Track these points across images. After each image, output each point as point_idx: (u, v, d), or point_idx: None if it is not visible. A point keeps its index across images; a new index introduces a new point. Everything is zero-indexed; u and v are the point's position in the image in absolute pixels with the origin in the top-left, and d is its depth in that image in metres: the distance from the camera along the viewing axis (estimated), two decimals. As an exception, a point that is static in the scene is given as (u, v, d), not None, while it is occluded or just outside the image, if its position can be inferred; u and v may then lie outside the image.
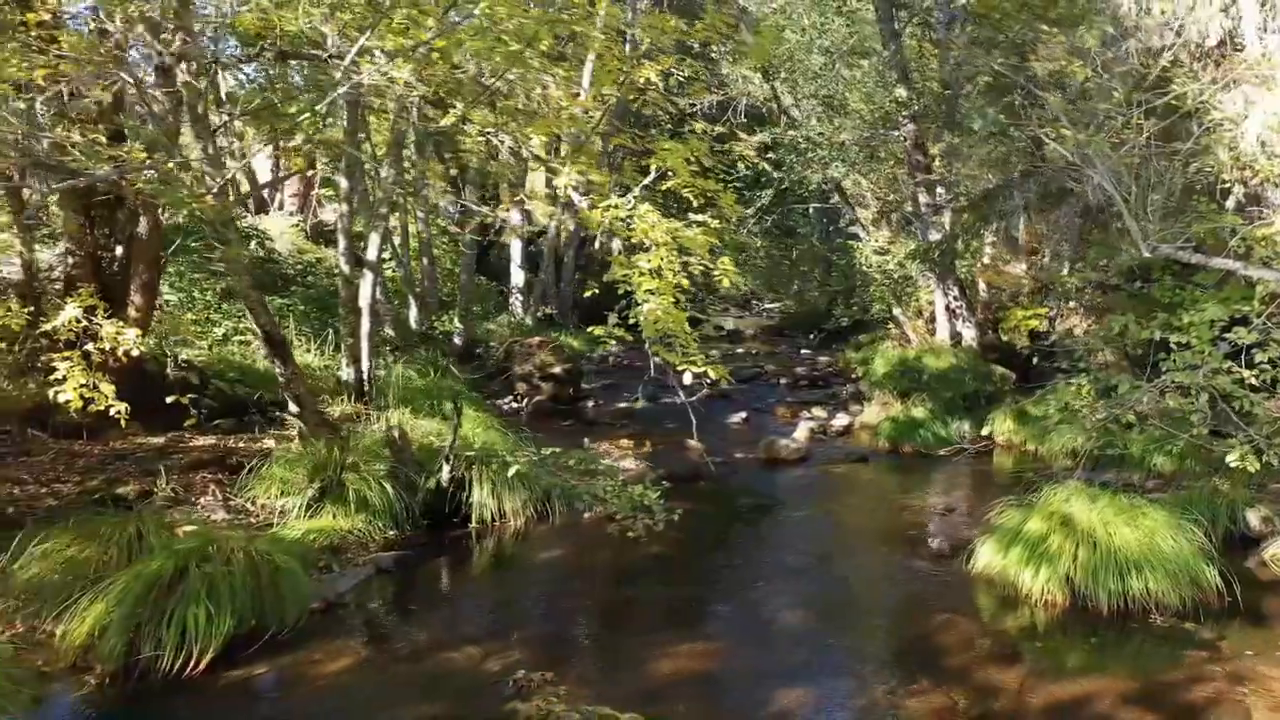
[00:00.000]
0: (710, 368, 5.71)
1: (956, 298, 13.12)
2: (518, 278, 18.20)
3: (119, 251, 8.62)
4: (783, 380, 15.24)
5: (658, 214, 5.93)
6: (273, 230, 15.75)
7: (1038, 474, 7.53)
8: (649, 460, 9.22)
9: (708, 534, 7.58)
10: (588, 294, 7.49)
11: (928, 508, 8.62)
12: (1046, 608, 5.87)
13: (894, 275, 14.51)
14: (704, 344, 5.96)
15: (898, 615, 6.20)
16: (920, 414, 11.08)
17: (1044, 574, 5.91)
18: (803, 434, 10.97)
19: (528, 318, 17.08)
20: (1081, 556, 5.88)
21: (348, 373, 9.77)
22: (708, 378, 5.78)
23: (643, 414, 11.84)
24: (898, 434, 10.84)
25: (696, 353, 5.78)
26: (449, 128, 8.42)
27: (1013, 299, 13.75)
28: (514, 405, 12.31)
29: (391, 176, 10.40)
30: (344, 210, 10.50)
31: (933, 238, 12.88)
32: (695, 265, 6.00)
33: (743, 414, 12.29)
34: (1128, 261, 9.30)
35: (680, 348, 5.80)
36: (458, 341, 14.16)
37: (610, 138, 13.01)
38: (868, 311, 17.14)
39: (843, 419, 12.05)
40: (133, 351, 6.12)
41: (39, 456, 7.37)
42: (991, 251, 14.47)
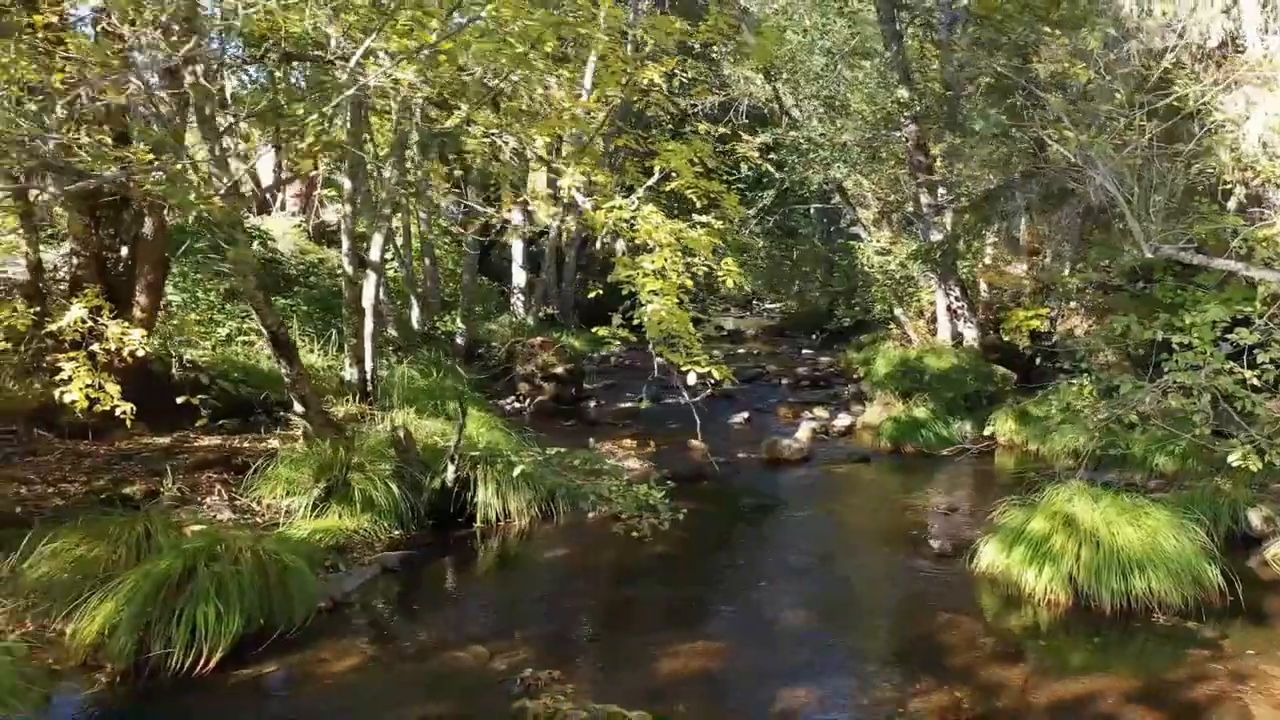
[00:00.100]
0: (714, 368, 5.73)
1: (958, 298, 13.15)
2: (519, 278, 18.22)
3: (124, 252, 8.64)
4: (784, 380, 15.26)
5: (661, 215, 5.96)
6: (275, 231, 15.76)
7: (1040, 474, 7.55)
8: (652, 460, 9.26)
9: (711, 534, 7.61)
10: (591, 294, 7.51)
11: (930, 508, 8.65)
12: (1049, 607, 5.90)
13: (895, 275, 14.54)
14: (705, 344, 5.98)
15: (901, 614, 6.23)
16: (922, 414, 11.10)
17: (1047, 573, 5.95)
18: (805, 434, 10.99)
19: (529, 318, 17.10)
20: (1084, 556, 5.91)
21: (351, 373, 9.79)
22: (712, 378, 5.81)
23: (645, 414, 11.84)
24: (900, 434, 10.87)
25: (700, 353, 5.81)
26: (454, 129, 8.46)
27: (1014, 299, 13.78)
28: (516, 405, 12.34)
29: (395, 177, 10.42)
30: (347, 211, 10.52)
31: (934, 238, 12.91)
32: (699, 266, 6.03)
33: (745, 414, 12.31)
34: (1130, 262, 9.35)
35: (684, 348, 5.83)
36: (460, 342, 14.18)
37: (613, 139, 13.10)
38: (869, 312, 17.18)
39: (844, 419, 12.06)
40: (138, 352, 6.15)
41: (45, 456, 7.38)
42: (993, 252, 14.50)
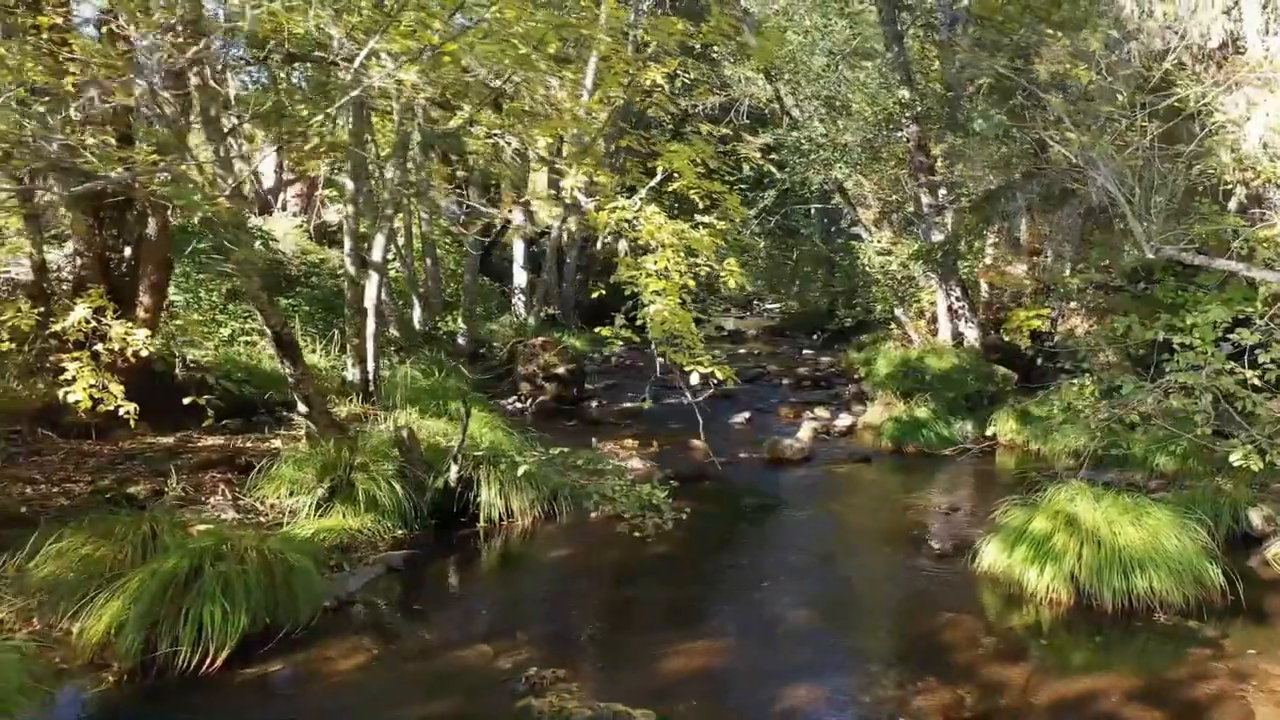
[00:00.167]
0: (717, 368, 5.76)
1: (959, 298, 13.17)
2: (520, 278, 18.23)
3: (127, 252, 8.66)
4: (785, 380, 15.28)
5: (664, 215, 5.98)
6: (277, 231, 15.80)
7: (1041, 474, 7.54)
8: (655, 460, 9.28)
9: (713, 533, 7.63)
10: (594, 295, 7.54)
11: (931, 507, 8.67)
12: (1051, 606, 5.92)
13: (896, 276, 14.55)
14: (707, 344, 6.01)
15: (903, 614, 6.25)
16: (923, 414, 11.12)
17: (1049, 572, 5.97)
18: (806, 434, 11.01)
19: (530, 318, 17.11)
20: (1086, 555, 5.93)
21: (353, 373, 9.81)
22: (714, 378, 5.83)
23: (646, 414, 11.82)
24: (901, 434, 10.89)
25: (703, 353, 5.84)
26: (457, 129, 8.49)
27: (1015, 299, 13.81)
28: (518, 405, 12.36)
29: (397, 177, 10.45)
30: (350, 212, 10.54)
31: (935, 238, 12.92)
32: (701, 266, 6.05)
33: (746, 414, 12.33)
34: (1131, 262, 9.38)
35: (687, 348, 5.85)
36: (462, 342, 14.20)
37: (615, 140, 13.12)
38: (870, 312, 17.21)
39: (846, 419, 12.09)
40: (141, 352, 6.17)
41: (49, 456, 7.39)
42: (994, 252, 14.53)
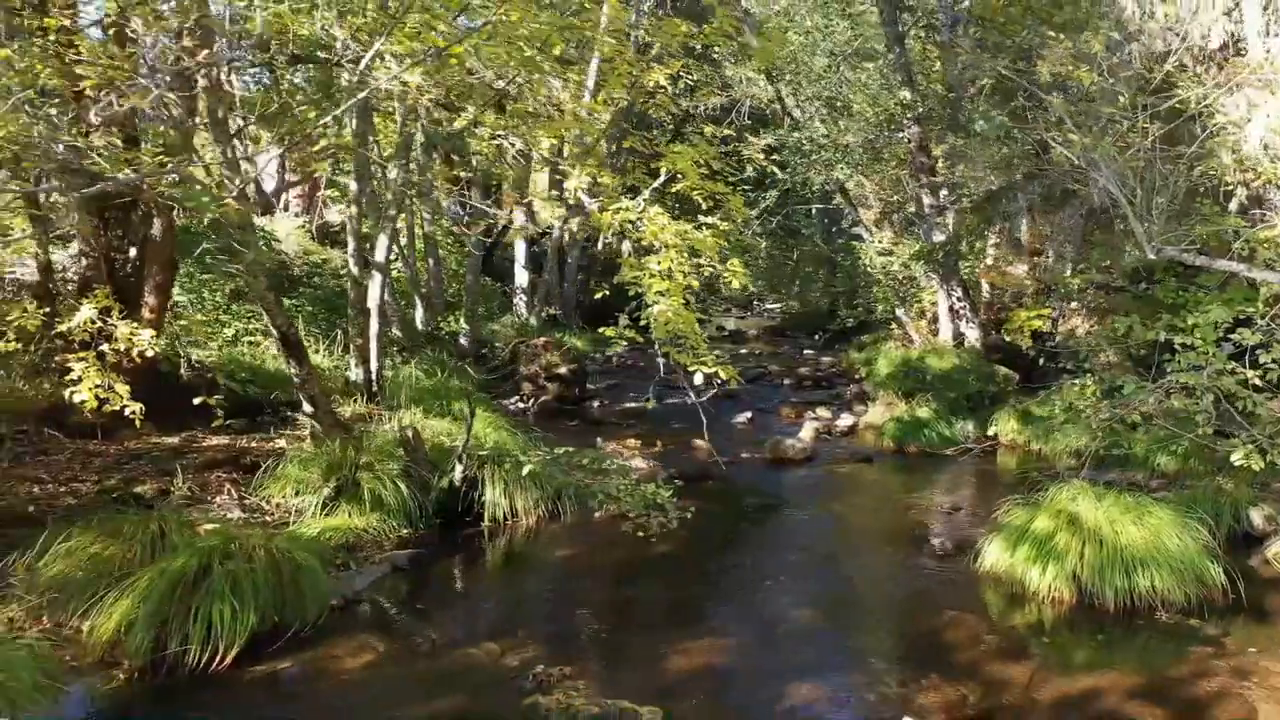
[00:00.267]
0: (720, 368, 5.79)
1: (960, 298, 13.20)
2: (522, 278, 18.26)
3: (132, 253, 8.69)
4: (786, 381, 15.32)
5: (667, 216, 6.01)
6: (279, 231, 15.83)
7: (1042, 473, 7.58)
8: (657, 460, 9.31)
9: (717, 533, 7.66)
10: (597, 295, 7.57)
11: (933, 507, 8.70)
12: (1054, 605, 5.96)
13: (897, 276, 14.58)
14: (708, 344, 6.03)
15: (906, 612, 6.28)
16: (925, 414, 11.15)
17: (1051, 571, 6.00)
18: (808, 434, 11.04)
19: (532, 318, 17.15)
20: (1088, 554, 5.96)
21: (357, 373, 9.84)
22: (718, 378, 5.87)
23: (648, 414, 11.87)
24: (902, 434, 10.92)
25: (707, 353, 5.87)
26: (461, 130, 8.51)
27: (1016, 300, 13.84)
28: (520, 405, 12.40)
29: (400, 178, 10.48)
30: (353, 212, 10.57)
31: (937, 239, 12.95)
32: (705, 267, 6.08)
33: (747, 414, 12.35)
34: (1132, 263, 9.41)
35: (691, 348, 5.89)
36: (464, 342, 14.23)
37: (618, 140, 13.15)
38: (871, 312, 17.24)
39: (847, 419, 12.12)
40: (147, 352, 6.21)
41: (56, 456, 7.43)
42: (995, 253, 14.56)
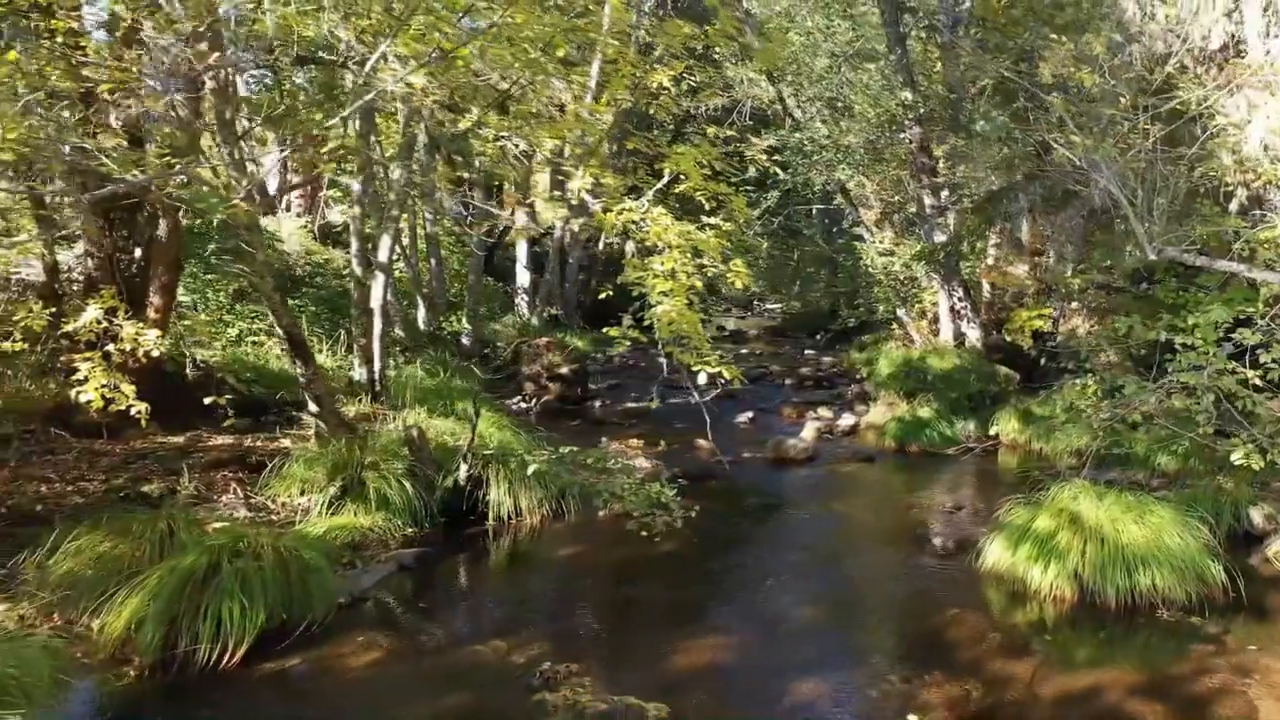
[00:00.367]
0: (724, 368, 5.83)
1: (961, 299, 13.23)
2: (523, 278, 18.31)
3: (138, 254, 8.73)
4: (788, 380, 15.36)
5: (670, 216, 6.05)
6: (281, 232, 15.86)
7: (1044, 473, 7.61)
8: (661, 459, 9.34)
9: (720, 532, 7.69)
10: (601, 295, 7.62)
11: (935, 506, 8.73)
12: (1055, 603, 5.99)
13: (898, 276, 14.61)
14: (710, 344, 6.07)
15: (908, 611, 6.31)
16: (926, 414, 11.19)
17: (1052, 570, 6.04)
18: (809, 434, 11.08)
19: (533, 318, 17.19)
20: (1089, 553, 6.00)
21: (360, 373, 9.89)
22: (721, 378, 5.90)
23: (650, 414, 11.92)
24: (904, 434, 10.96)
25: (710, 353, 5.90)
26: (465, 131, 8.54)
27: (1017, 300, 13.86)
28: (522, 405, 12.44)
29: (402, 179, 10.52)
30: (356, 213, 10.62)
31: (938, 239, 12.98)
32: (708, 267, 6.12)
33: (749, 414, 12.39)
34: (1133, 263, 9.44)
35: (694, 348, 5.92)
36: (466, 342, 14.28)
37: (622, 141, 13.18)
38: (872, 312, 17.26)
39: (849, 419, 12.15)
40: (153, 352, 6.26)
41: (62, 455, 7.47)
42: (995, 253, 14.57)
